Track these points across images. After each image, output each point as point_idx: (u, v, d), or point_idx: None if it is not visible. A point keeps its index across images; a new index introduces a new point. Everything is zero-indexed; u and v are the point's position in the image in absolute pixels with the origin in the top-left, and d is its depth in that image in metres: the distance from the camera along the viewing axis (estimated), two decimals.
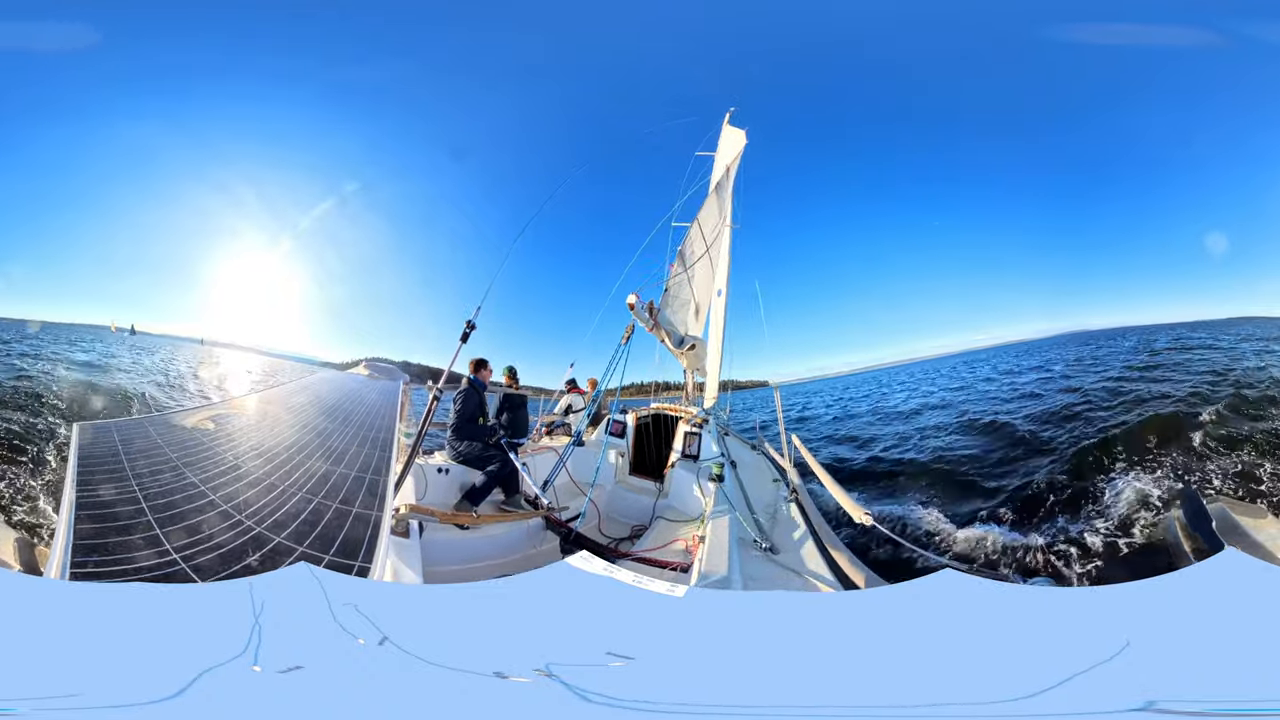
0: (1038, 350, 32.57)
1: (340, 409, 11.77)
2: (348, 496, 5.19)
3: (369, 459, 6.66)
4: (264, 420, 9.71)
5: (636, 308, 5.39)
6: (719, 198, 7.26)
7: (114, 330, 26.26)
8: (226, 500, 4.84)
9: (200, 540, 3.90)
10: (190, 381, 18.38)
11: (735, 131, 10.90)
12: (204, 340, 28.83)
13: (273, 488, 5.42)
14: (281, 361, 29.05)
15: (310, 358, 31.59)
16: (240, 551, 3.85)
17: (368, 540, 4.04)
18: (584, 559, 3.98)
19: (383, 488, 5.29)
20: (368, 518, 4.58)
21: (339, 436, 8.19)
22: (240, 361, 26.06)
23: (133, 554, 3.40)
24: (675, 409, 8.83)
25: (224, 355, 27.13)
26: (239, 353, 28.24)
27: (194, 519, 4.26)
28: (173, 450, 6.30)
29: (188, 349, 26.85)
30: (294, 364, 29.49)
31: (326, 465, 6.39)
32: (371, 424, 9.29)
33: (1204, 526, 4.79)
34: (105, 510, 3.96)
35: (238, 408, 11.21)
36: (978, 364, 35.02)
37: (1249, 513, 5.01)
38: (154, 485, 4.76)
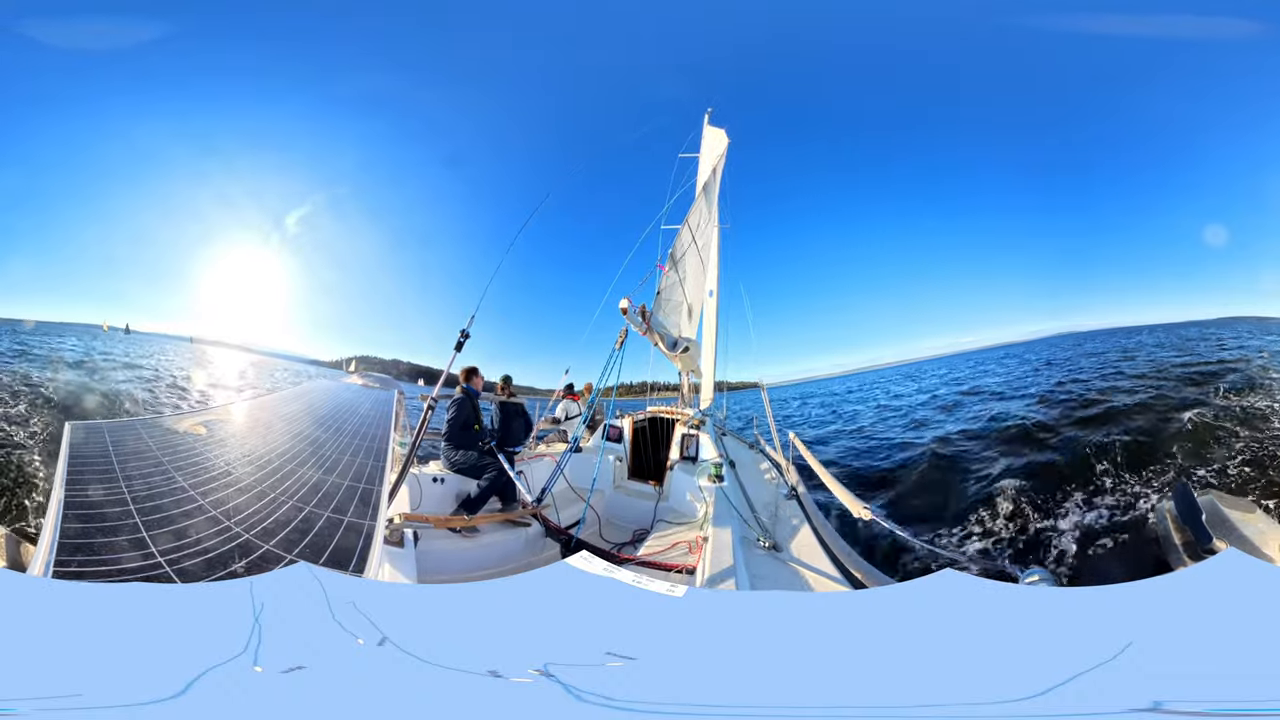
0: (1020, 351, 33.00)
1: (334, 418, 11.66)
2: (340, 505, 5.11)
3: (362, 468, 6.58)
4: (256, 427, 9.61)
5: (629, 312, 5.42)
6: (706, 199, 7.38)
7: (106, 329, 26.09)
8: (216, 506, 4.75)
9: (187, 545, 3.82)
10: (182, 381, 18.24)
11: (716, 131, 11.07)
12: (193, 339, 28.71)
13: (263, 495, 5.33)
14: (272, 360, 28.79)
15: (299, 355, 31.43)
16: (227, 557, 3.77)
17: (360, 549, 3.97)
18: (584, 559, 3.95)
19: (376, 497, 5.21)
20: (360, 527, 4.50)
21: (332, 445, 8.09)
22: (230, 360, 25.82)
23: (118, 555, 3.33)
24: (672, 411, 8.83)
25: (213, 353, 26.90)
26: (228, 351, 28.04)
27: (181, 523, 4.19)
28: (164, 453, 6.22)
29: (177, 347, 26.60)
30: (284, 362, 29.25)
31: (319, 473, 6.30)
32: (366, 433, 9.19)
33: (1194, 519, 4.80)
34: (93, 510, 3.90)
35: (231, 413, 11.10)
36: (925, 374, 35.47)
37: (1238, 506, 5.07)
38: (143, 488, 4.69)
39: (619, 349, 5.68)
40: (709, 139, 11.27)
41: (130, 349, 23.76)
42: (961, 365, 36.11)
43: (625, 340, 5.71)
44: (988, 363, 32.71)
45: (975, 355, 43.28)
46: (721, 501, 5.23)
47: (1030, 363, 24.67)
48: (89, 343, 22.44)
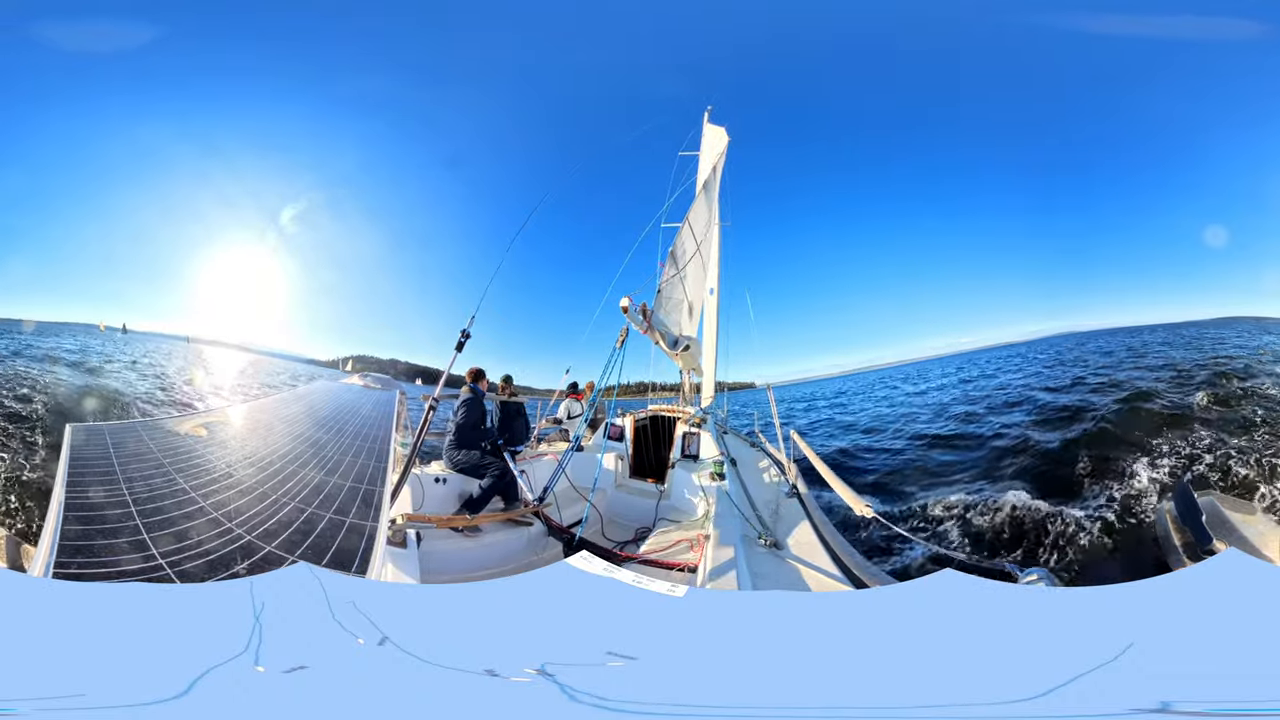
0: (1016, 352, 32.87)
1: (335, 419, 11.66)
2: (342, 506, 5.10)
3: (364, 469, 6.56)
4: (257, 428, 9.60)
5: (630, 311, 5.41)
6: (707, 197, 7.36)
7: (103, 329, 26.07)
8: (217, 508, 4.74)
9: (188, 546, 3.81)
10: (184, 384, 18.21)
11: (716, 129, 11.08)
12: (190, 339, 28.70)
13: (264, 496, 5.32)
14: (269, 360, 28.71)
15: (295, 355, 31.40)
16: (229, 559, 3.75)
17: (362, 550, 3.96)
18: (584, 559, 3.94)
19: (378, 498, 5.20)
20: (362, 528, 4.49)
21: (334, 446, 8.08)
22: (227, 360, 25.76)
23: (118, 557, 3.32)
24: (673, 410, 8.82)
25: (210, 353, 26.82)
26: (225, 350, 27.99)
27: (182, 525, 4.17)
28: (164, 455, 6.21)
29: (174, 347, 26.52)
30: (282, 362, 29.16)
31: (320, 475, 6.29)
32: (367, 434, 9.18)
33: (1194, 519, 4.81)
34: (94, 512, 3.89)
35: (232, 415, 11.09)
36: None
37: (1238, 507, 5.08)
38: (144, 489, 4.67)
39: (620, 348, 5.67)
40: (709, 137, 11.26)
41: (128, 349, 23.71)
42: (964, 365, 35.98)
43: (626, 339, 5.70)
44: (996, 361, 32.52)
45: (974, 356, 43.26)
46: (723, 500, 5.24)
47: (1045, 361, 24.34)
48: (86, 342, 22.40)
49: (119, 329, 27.56)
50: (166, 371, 19.73)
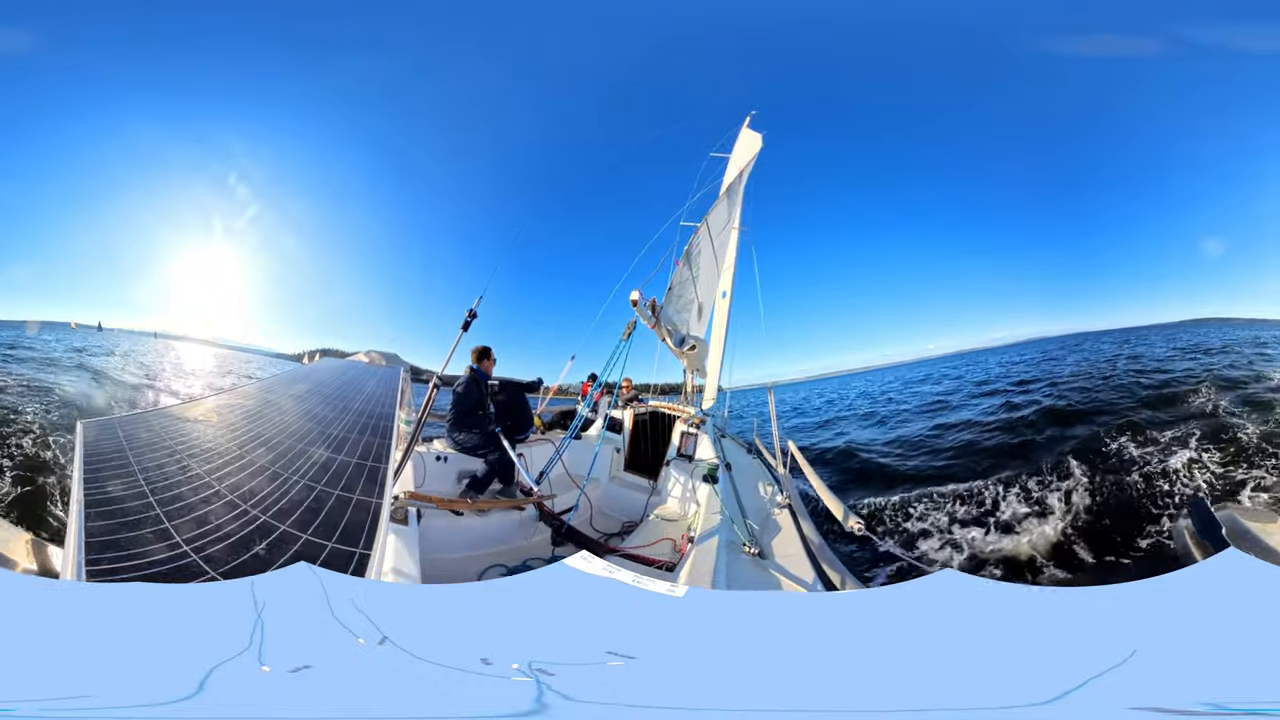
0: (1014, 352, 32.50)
1: (340, 396, 11.88)
2: (349, 484, 5.32)
3: (369, 446, 6.79)
4: (265, 409, 9.82)
5: (639, 304, 5.38)
6: (729, 200, 7.23)
7: (75, 327, 26.01)
8: (232, 490, 4.94)
9: (209, 531, 4.00)
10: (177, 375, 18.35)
11: (753, 135, 10.70)
12: (156, 334, 28.69)
13: (275, 476, 5.53)
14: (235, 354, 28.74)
15: (262, 349, 31.39)
16: (248, 540, 3.95)
17: (368, 527, 4.18)
18: (584, 559, 4.03)
19: (382, 475, 5.41)
20: (368, 505, 4.71)
21: (339, 424, 8.30)
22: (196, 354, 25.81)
23: (144, 549, 3.51)
24: (673, 408, 8.86)
25: (180, 348, 26.84)
26: (194, 345, 28.03)
27: (201, 510, 4.36)
28: (176, 443, 6.42)
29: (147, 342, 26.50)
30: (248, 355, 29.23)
31: (327, 453, 6.52)
32: (371, 411, 9.39)
33: (1214, 534, 4.74)
34: (115, 507, 4.06)
35: (239, 397, 11.32)
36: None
37: (1258, 518, 4.93)
38: (160, 479, 4.86)
39: (626, 340, 5.68)
40: (744, 141, 10.79)
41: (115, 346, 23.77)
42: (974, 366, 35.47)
43: (633, 332, 5.69)
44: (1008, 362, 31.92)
45: (973, 355, 42.80)
46: (712, 503, 5.22)
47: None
48: (67, 340, 22.40)
49: (94, 326, 27.40)
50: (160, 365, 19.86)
